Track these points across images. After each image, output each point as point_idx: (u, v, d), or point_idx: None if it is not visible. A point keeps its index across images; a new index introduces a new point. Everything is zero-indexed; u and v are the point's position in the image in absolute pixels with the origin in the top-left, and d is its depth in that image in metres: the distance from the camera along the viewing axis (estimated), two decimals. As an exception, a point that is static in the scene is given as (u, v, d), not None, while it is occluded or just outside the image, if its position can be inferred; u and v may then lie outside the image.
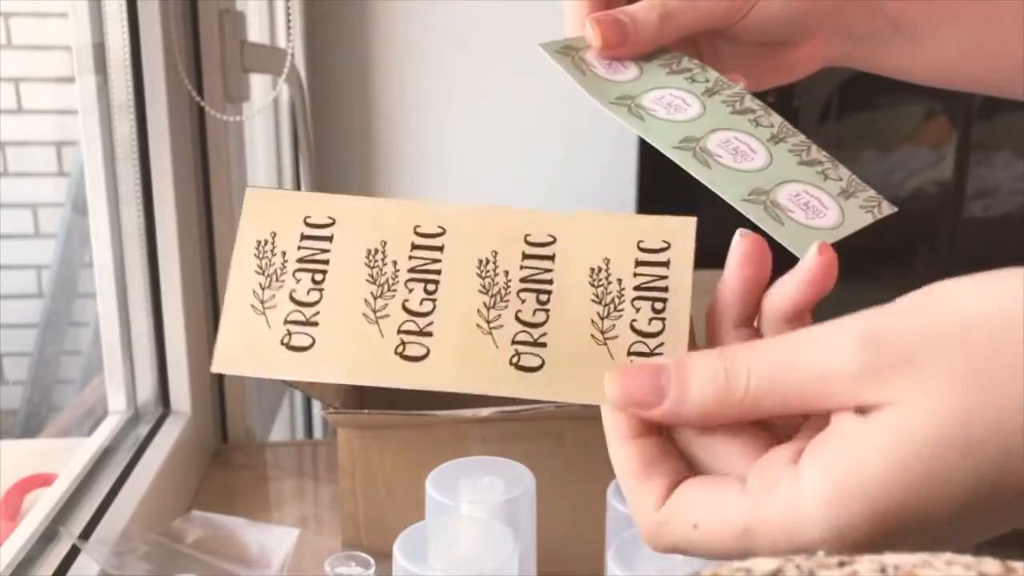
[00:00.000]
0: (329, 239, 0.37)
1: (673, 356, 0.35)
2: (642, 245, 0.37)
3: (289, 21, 1.39)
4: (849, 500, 0.30)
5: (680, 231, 0.37)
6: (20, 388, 1.73)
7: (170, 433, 0.91)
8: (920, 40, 0.52)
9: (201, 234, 0.99)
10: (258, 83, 1.26)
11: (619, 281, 0.36)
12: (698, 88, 0.46)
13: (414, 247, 0.37)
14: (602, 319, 0.35)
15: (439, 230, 0.37)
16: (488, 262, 0.36)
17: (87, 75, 0.87)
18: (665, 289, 0.36)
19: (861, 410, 0.30)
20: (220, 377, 1.04)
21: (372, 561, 0.59)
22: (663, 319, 0.36)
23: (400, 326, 0.35)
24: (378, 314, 0.35)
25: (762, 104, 0.45)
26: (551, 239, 0.37)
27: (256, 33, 1.45)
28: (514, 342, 0.35)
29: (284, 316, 0.35)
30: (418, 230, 0.37)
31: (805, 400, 0.31)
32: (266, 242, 0.37)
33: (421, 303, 0.36)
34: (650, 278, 0.36)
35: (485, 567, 0.52)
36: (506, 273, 0.36)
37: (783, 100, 1.99)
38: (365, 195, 0.39)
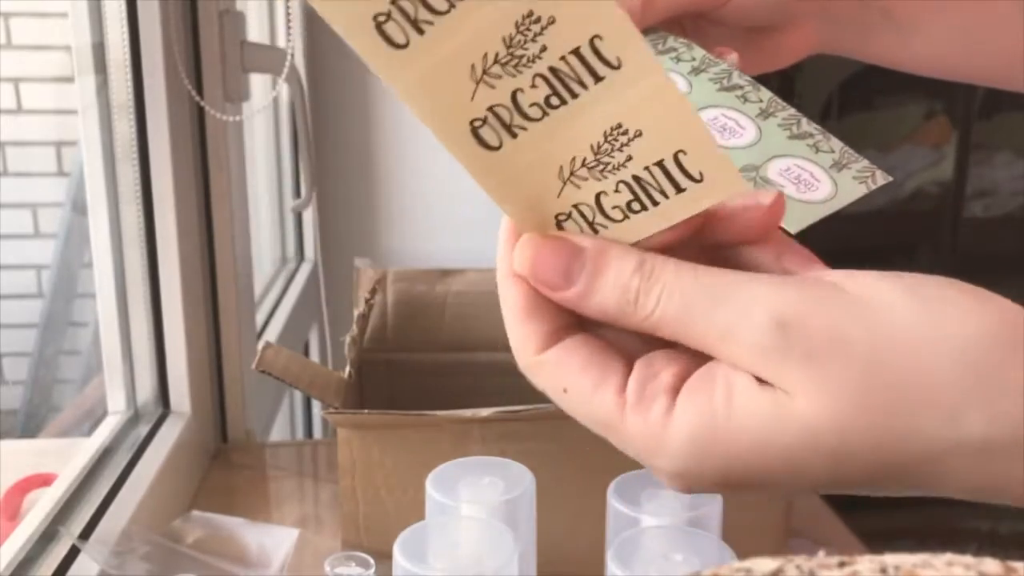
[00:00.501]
0: None
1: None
2: (680, 157, 0.30)
3: (289, 21, 1.39)
4: (707, 457, 0.30)
5: (721, 182, 0.30)
6: (20, 388, 1.73)
7: (170, 433, 0.91)
8: (911, 29, 0.51)
9: (201, 234, 0.99)
10: (258, 83, 1.26)
11: (629, 158, 0.30)
12: (684, 67, 0.45)
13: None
14: (581, 166, 0.31)
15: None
16: (536, 21, 0.28)
17: (87, 75, 0.87)
18: (656, 203, 0.31)
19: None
20: (220, 377, 1.04)
21: (372, 561, 0.59)
22: (627, 216, 0.32)
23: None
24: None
25: (750, 80, 0.45)
26: (616, 64, 0.28)
27: (256, 33, 1.45)
28: (490, 109, 0.29)
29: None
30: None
31: (703, 347, 0.31)
32: None
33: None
34: (655, 184, 0.31)
35: (485, 567, 0.52)
36: (543, 48, 0.28)
37: (783, 100, 1.99)
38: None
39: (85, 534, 0.73)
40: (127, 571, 0.70)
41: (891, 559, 0.24)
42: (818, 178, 0.40)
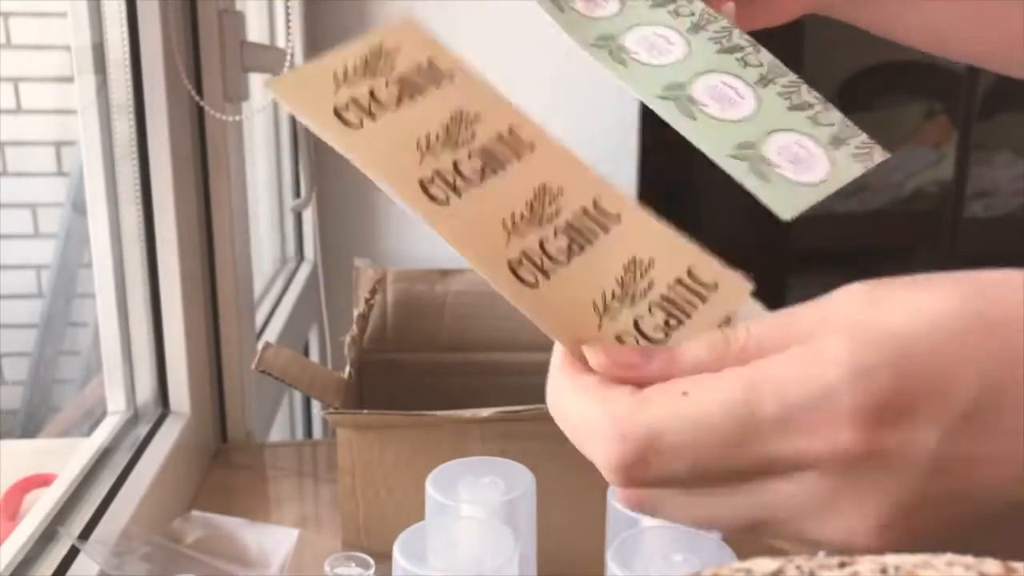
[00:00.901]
0: (437, 84, 0.37)
1: None
2: (693, 271, 0.35)
3: (289, 21, 1.39)
4: (870, 343, 0.28)
5: (734, 288, 0.36)
6: (20, 388, 1.73)
7: (169, 433, 0.91)
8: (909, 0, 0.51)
9: (201, 234, 0.99)
10: (258, 83, 1.26)
11: (651, 283, 0.35)
12: (683, 24, 0.44)
13: (500, 138, 0.36)
14: (613, 298, 0.34)
15: (530, 144, 0.37)
16: (551, 191, 0.36)
17: (86, 75, 0.87)
18: (688, 316, 0.34)
19: None
20: (220, 377, 1.04)
21: (372, 561, 0.59)
22: (668, 335, 0.34)
23: (438, 169, 0.34)
24: (428, 150, 0.35)
25: (750, 40, 0.44)
26: (616, 217, 0.36)
27: (256, 33, 1.45)
28: (523, 252, 0.34)
29: (354, 95, 0.35)
30: (513, 131, 0.37)
31: (810, 334, 0.30)
32: (386, 50, 0.37)
33: (472, 172, 0.35)
34: (680, 299, 0.35)
35: (485, 567, 0.52)
36: (558, 211, 0.35)
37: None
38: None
39: (85, 534, 0.73)
40: (127, 571, 0.70)
41: (891, 559, 0.24)
42: (815, 156, 0.39)
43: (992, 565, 0.23)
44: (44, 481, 0.82)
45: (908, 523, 0.28)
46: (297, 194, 1.58)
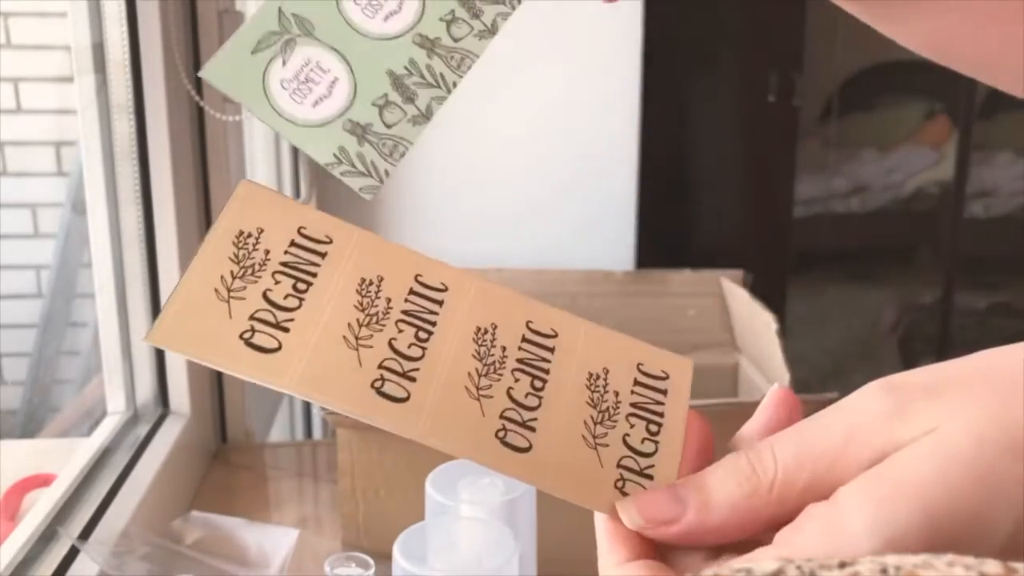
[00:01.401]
0: (322, 255, 0.34)
1: (665, 480, 0.34)
2: (642, 368, 0.36)
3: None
4: (894, 506, 0.28)
5: (680, 368, 0.37)
6: (20, 388, 1.73)
7: (169, 433, 0.91)
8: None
9: (201, 234, 0.99)
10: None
11: (616, 393, 0.36)
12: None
13: (412, 292, 0.35)
14: (595, 423, 0.35)
15: (441, 286, 0.36)
16: (487, 332, 0.35)
17: (86, 75, 0.87)
18: (661, 415, 0.35)
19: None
20: (219, 378, 1.03)
21: (372, 561, 0.59)
22: (656, 442, 0.35)
23: (382, 362, 0.33)
24: (360, 342, 0.33)
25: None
26: (553, 333, 0.36)
27: (256, 33, 1.44)
28: (502, 416, 0.33)
29: (251, 312, 0.32)
30: (420, 279, 0.35)
31: (836, 465, 0.30)
32: (250, 235, 0.34)
33: (409, 347, 0.34)
34: (647, 400, 0.36)
35: (485, 567, 0.52)
36: (503, 349, 0.35)
37: (783, 100, 1.99)
38: (366, 226, 0.37)
39: (85, 534, 0.73)
40: (127, 571, 0.70)
41: (892, 559, 0.24)
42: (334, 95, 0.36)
43: (992, 565, 0.23)
44: (44, 481, 0.82)
45: None
46: (297, 194, 1.58)
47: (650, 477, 0.34)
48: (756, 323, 0.86)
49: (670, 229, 1.88)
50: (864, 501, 0.28)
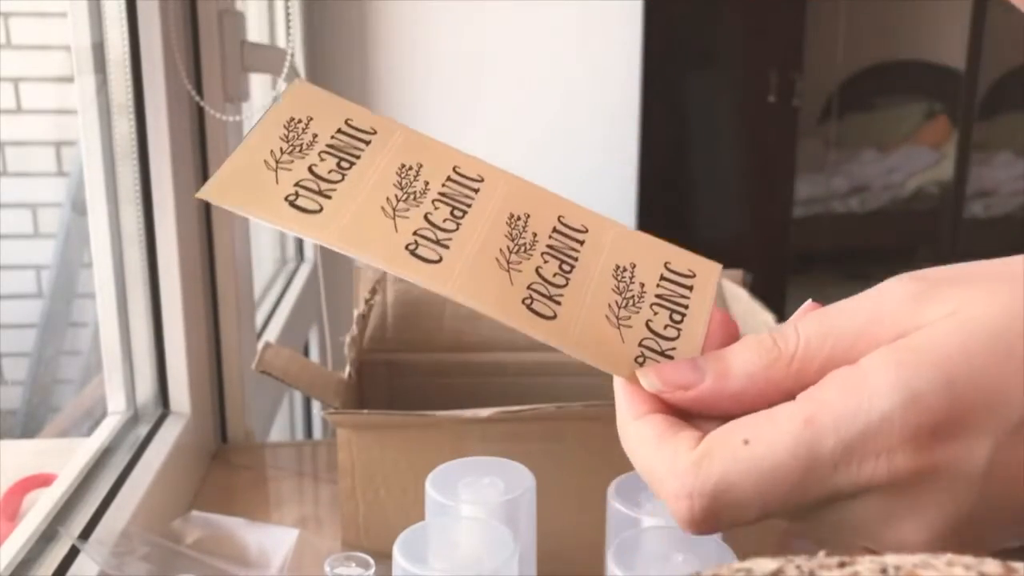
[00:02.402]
0: (366, 143, 0.37)
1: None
2: (669, 266, 0.37)
3: (289, 21, 1.39)
4: (916, 369, 0.28)
5: (707, 269, 0.38)
6: (20, 388, 1.73)
7: (169, 433, 0.91)
8: None
9: (201, 234, 0.99)
10: (258, 83, 1.26)
11: (642, 285, 0.37)
12: None
13: (449, 179, 0.37)
14: (619, 307, 0.36)
15: (478, 177, 0.38)
16: (519, 219, 0.37)
17: (86, 75, 0.87)
18: (685, 307, 0.36)
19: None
20: (220, 377, 1.04)
21: (372, 561, 0.59)
22: (679, 329, 0.36)
23: (417, 230, 0.35)
24: (397, 213, 0.35)
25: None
26: (584, 229, 0.38)
27: (256, 33, 1.45)
28: (530, 288, 0.35)
29: (296, 180, 0.35)
30: (457, 169, 0.37)
31: (857, 343, 0.30)
32: (300, 121, 0.37)
33: (444, 221, 0.35)
34: (672, 293, 0.37)
35: (485, 567, 0.52)
36: (534, 234, 0.36)
37: (783, 100, 1.99)
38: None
39: (85, 534, 0.73)
40: (127, 571, 0.70)
41: (891, 559, 0.24)
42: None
43: (992, 565, 0.23)
44: (44, 481, 0.82)
45: (960, 535, 0.29)
46: (297, 194, 1.58)
47: (670, 359, 0.35)
48: (756, 323, 0.86)
49: (670, 229, 1.88)
50: (887, 364, 0.29)
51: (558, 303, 0.35)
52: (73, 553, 0.71)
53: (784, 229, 2.06)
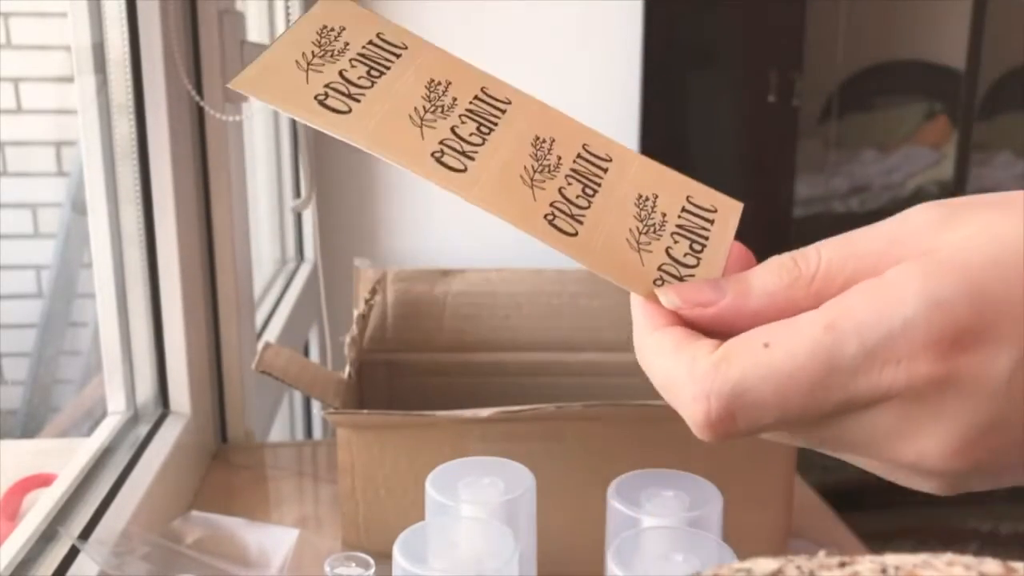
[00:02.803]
0: (396, 56, 0.37)
1: None
2: (691, 199, 0.38)
3: (289, 21, 1.39)
4: (942, 278, 0.28)
5: (729, 206, 0.38)
6: (20, 388, 1.73)
7: (170, 433, 0.91)
8: None
9: (201, 234, 0.99)
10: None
11: (663, 214, 0.37)
12: None
13: (476, 98, 0.38)
14: (640, 233, 0.36)
15: (506, 100, 0.38)
16: (544, 141, 0.37)
17: (87, 75, 0.87)
18: (705, 239, 0.37)
19: None
20: (220, 377, 1.04)
21: (372, 561, 0.59)
22: (698, 258, 0.36)
23: (443, 139, 0.35)
24: (424, 122, 0.36)
25: None
26: (608, 158, 0.38)
27: (256, 33, 1.45)
28: (552, 205, 0.35)
29: (326, 82, 0.35)
30: (486, 90, 0.38)
31: (879, 264, 0.30)
32: (332, 29, 0.37)
33: (470, 135, 0.36)
34: (693, 224, 0.37)
35: (485, 567, 0.52)
36: (559, 157, 0.37)
37: (783, 100, 1.99)
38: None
39: (85, 534, 0.73)
40: (127, 571, 0.70)
41: (891, 559, 0.24)
42: None
43: (992, 565, 0.23)
44: (44, 481, 0.82)
45: (977, 450, 0.29)
46: (297, 194, 1.58)
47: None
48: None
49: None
50: (912, 274, 0.29)
51: (580, 222, 0.35)
52: (73, 553, 0.71)
53: (784, 229, 2.06)
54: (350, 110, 0.35)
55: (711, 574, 0.24)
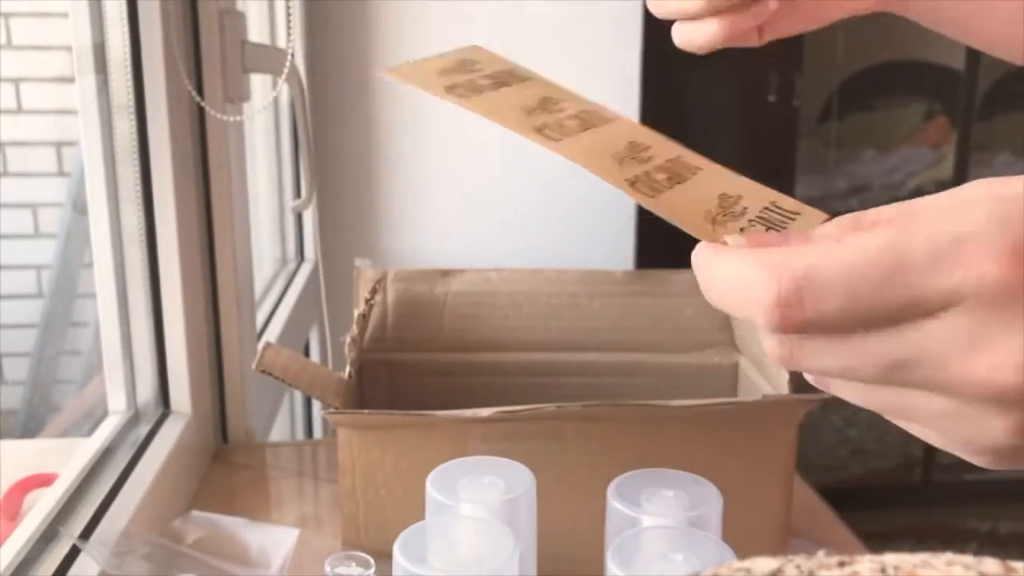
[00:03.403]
0: (522, 81, 0.46)
1: None
2: (776, 204, 0.40)
3: (289, 21, 1.39)
4: (1013, 200, 0.29)
5: (813, 213, 0.40)
6: (20, 388, 1.73)
7: (170, 433, 0.91)
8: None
9: (201, 234, 0.99)
10: (258, 83, 1.26)
11: (745, 208, 0.39)
12: None
13: (584, 111, 0.44)
14: (719, 213, 0.38)
15: (604, 119, 0.44)
16: (639, 145, 0.42)
17: (87, 75, 0.87)
18: (786, 228, 0.39)
19: None
20: (220, 377, 1.04)
21: (372, 561, 0.59)
22: None
23: (547, 123, 0.42)
24: (530, 113, 0.42)
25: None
26: (698, 167, 0.42)
27: (256, 33, 1.45)
28: (635, 176, 0.39)
29: (457, 81, 0.44)
30: (590, 112, 0.44)
31: (934, 214, 0.30)
32: (471, 61, 0.47)
33: (572, 129, 0.42)
34: (773, 219, 0.39)
35: (485, 567, 0.52)
36: (651, 158, 0.41)
37: (783, 100, 1.99)
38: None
39: (85, 534, 0.73)
40: (127, 571, 0.70)
41: (891, 559, 0.24)
42: None
43: (992, 565, 0.23)
44: (44, 481, 0.82)
45: None
46: (297, 194, 1.58)
47: None
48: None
49: (670, 229, 1.88)
50: (980, 193, 0.30)
51: (660, 192, 0.39)
52: (74, 553, 0.71)
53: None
54: (470, 97, 0.43)
55: (711, 574, 0.24)
